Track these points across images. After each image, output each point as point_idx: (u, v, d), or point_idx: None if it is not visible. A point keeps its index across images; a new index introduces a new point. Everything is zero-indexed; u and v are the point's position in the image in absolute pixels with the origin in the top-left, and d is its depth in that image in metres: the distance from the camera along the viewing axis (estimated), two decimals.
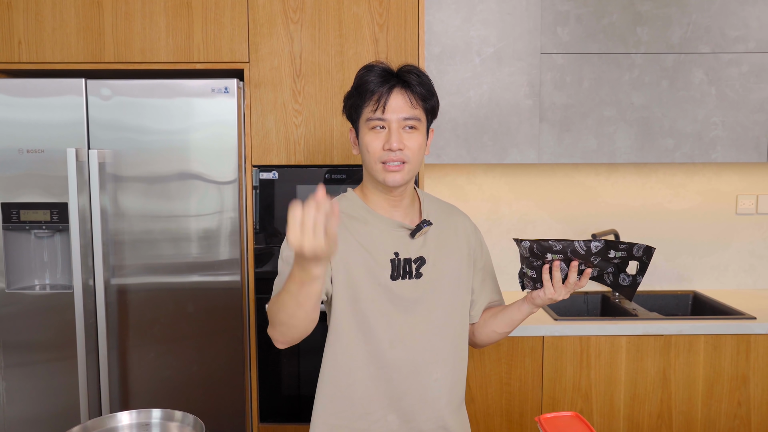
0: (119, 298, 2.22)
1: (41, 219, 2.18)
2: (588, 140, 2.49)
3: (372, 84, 1.33)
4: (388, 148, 1.33)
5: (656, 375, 2.32)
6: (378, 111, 1.32)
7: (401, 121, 1.33)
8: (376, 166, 1.36)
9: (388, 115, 1.33)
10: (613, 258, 1.31)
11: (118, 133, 2.16)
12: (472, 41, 2.44)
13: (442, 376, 1.44)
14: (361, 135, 1.37)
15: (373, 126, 1.34)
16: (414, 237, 1.42)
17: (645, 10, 2.45)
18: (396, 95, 1.33)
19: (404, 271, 1.41)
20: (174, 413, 1.23)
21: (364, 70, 1.36)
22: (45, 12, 2.23)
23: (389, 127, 1.33)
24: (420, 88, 1.35)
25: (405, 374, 1.41)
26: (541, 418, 1.24)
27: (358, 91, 1.35)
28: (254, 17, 2.25)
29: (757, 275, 2.87)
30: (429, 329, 1.43)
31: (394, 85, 1.33)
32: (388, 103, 1.32)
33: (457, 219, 1.53)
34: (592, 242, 1.29)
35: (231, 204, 2.20)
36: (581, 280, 1.36)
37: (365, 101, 1.34)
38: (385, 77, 1.34)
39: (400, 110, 1.33)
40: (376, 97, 1.32)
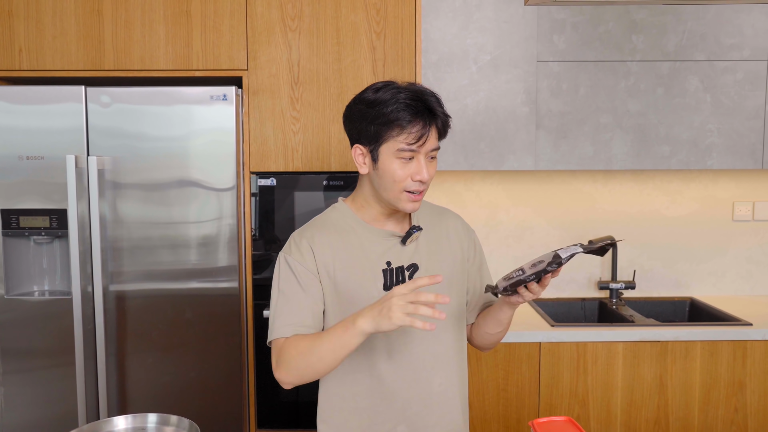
0: (118, 305, 2.23)
1: (40, 225, 2.19)
2: (584, 147, 2.51)
3: (407, 120, 1.31)
4: (419, 179, 1.34)
5: (653, 381, 2.32)
6: (415, 144, 1.32)
7: (429, 152, 1.35)
8: (400, 195, 1.36)
9: (423, 148, 1.33)
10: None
11: (118, 140, 2.18)
12: (469, 49, 2.46)
13: (445, 380, 1.45)
14: (385, 161, 1.34)
15: (404, 156, 1.33)
16: (405, 244, 1.42)
17: (640, 18, 2.47)
18: (433, 131, 1.34)
19: (397, 279, 1.41)
20: (170, 417, 1.24)
21: (389, 95, 1.33)
22: (45, 20, 2.25)
23: (418, 158, 1.34)
24: (444, 119, 1.36)
25: (407, 383, 1.41)
26: (535, 423, 1.24)
27: (387, 119, 1.32)
28: (253, 25, 2.26)
29: (754, 281, 2.87)
30: (426, 336, 1.43)
31: (432, 122, 1.33)
32: (429, 138, 1.33)
33: (448, 221, 1.53)
34: (563, 259, 1.30)
35: (229, 211, 2.21)
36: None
37: (396, 131, 1.32)
38: (417, 109, 1.32)
39: (431, 143, 1.35)
40: (415, 131, 1.31)
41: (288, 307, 1.38)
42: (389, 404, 1.41)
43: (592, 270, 2.86)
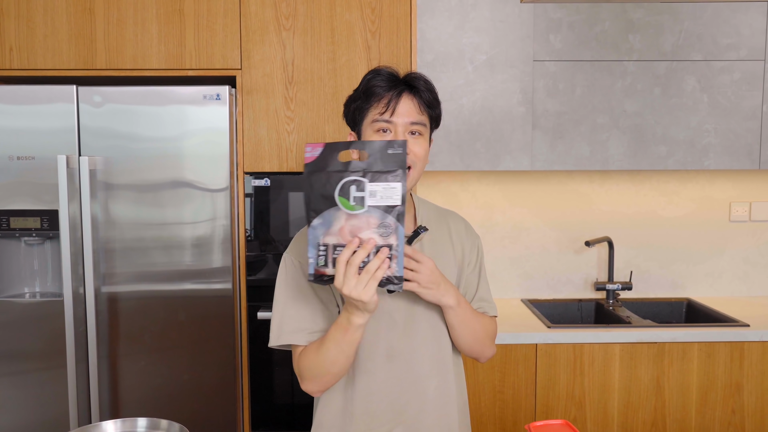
0: (110, 306, 2.20)
1: (31, 226, 2.16)
2: (581, 147, 2.49)
3: (380, 87, 1.31)
4: None
5: (650, 383, 2.31)
6: (386, 113, 1.30)
7: (408, 125, 1.32)
8: None
9: (396, 119, 1.31)
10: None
11: (109, 141, 2.15)
12: (465, 48, 2.45)
13: (442, 383, 1.42)
14: (365, 138, 1.34)
15: (378, 128, 1.31)
16: (411, 244, 1.39)
17: (637, 18, 2.46)
18: (405, 99, 1.32)
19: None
20: (160, 422, 1.22)
21: (372, 74, 1.34)
22: (37, 18, 2.22)
23: (395, 131, 1.31)
24: (428, 94, 1.34)
25: (405, 386, 1.39)
26: (531, 426, 1.23)
27: (365, 93, 1.33)
28: (247, 24, 2.24)
29: (750, 282, 2.86)
30: (426, 338, 1.40)
31: (403, 90, 1.32)
32: (397, 106, 1.31)
33: (450, 222, 1.50)
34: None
35: (223, 211, 2.19)
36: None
37: (372, 103, 1.32)
38: (393, 81, 1.33)
39: (408, 114, 1.32)
40: (385, 100, 1.30)
41: (297, 310, 1.34)
42: (386, 407, 1.39)
43: (588, 271, 2.84)
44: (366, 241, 1.12)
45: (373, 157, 1.12)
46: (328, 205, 1.11)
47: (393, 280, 1.13)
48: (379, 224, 1.11)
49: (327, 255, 1.12)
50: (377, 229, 1.11)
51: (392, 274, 1.12)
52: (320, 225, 1.12)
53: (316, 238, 1.12)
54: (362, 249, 1.11)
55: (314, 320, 1.34)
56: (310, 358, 1.31)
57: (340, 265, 1.12)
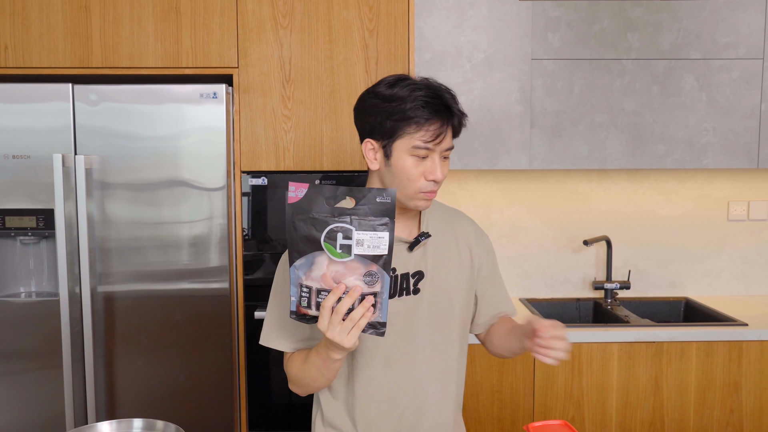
0: (106, 306, 2.19)
1: (27, 225, 2.15)
2: (579, 146, 2.49)
3: (423, 114, 1.27)
4: (433, 179, 1.29)
5: (648, 382, 2.30)
6: (432, 143, 1.28)
7: (443, 151, 1.32)
8: (414, 195, 1.31)
9: (438, 147, 1.29)
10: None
11: (106, 139, 2.14)
12: (463, 47, 2.44)
13: (440, 388, 1.41)
14: (399, 158, 1.30)
15: (419, 154, 1.29)
16: (412, 251, 1.38)
17: (636, 16, 2.45)
18: (449, 130, 1.31)
19: (401, 287, 1.36)
20: (155, 423, 1.21)
21: (407, 92, 1.28)
22: (32, 16, 2.21)
23: (432, 157, 1.29)
24: (460, 118, 1.32)
25: (403, 392, 1.38)
26: (530, 427, 1.22)
27: (405, 115, 1.28)
28: (243, 22, 2.23)
29: (749, 282, 2.86)
30: (426, 345, 1.39)
31: (449, 120, 1.30)
32: (445, 137, 1.30)
33: (458, 226, 1.47)
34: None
35: (220, 210, 2.18)
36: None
37: (413, 128, 1.28)
38: (436, 107, 1.28)
39: (446, 142, 1.30)
40: (434, 129, 1.27)
41: (285, 317, 1.34)
42: (384, 413, 1.38)
43: (586, 270, 2.84)
44: (352, 289, 1.11)
45: (362, 203, 1.10)
46: (312, 248, 1.10)
47: (377, 326, 1.13)
48: (365, 272, 1.10)
49: (310, 297, 1.12)
50: (363, 277, 1.10)
51: (376, 320, 1.12)
52: (302, 266, 1.11)
53: (299, 278, 1.12)
54: (348, 297, 1.11)
55: (301, 328, 1.35)
56: (295, 368, 1.34)
57: (325, 311, 1.12)
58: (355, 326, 1.12)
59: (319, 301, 1.11)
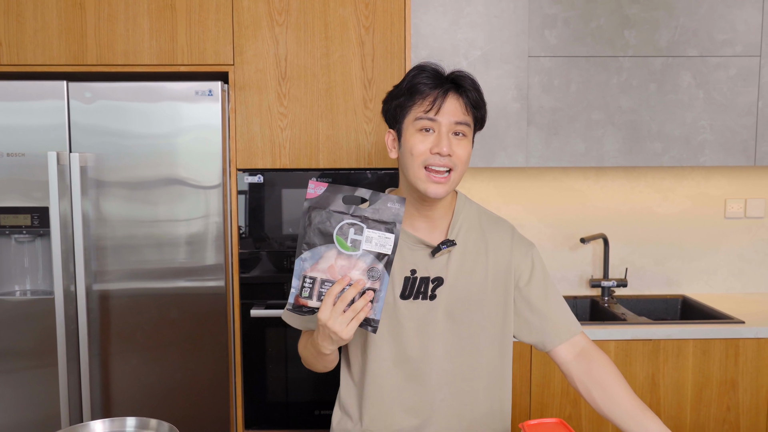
0: (101, 304, 2.18)
1: (21, 224, 2.14)
2: (576, 144, 2.48)
3: (424, 85, 1.26)
4: (437, 151, 1.25)
5: (645, 380, 2.30)
6: (431, 112, 1.25)
7: (452, 125, 1.26)
8: (419, 173, 1.27)
9: (440, 117, 1.25)
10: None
11: (100, 137, 2.13)
12: (460, 44, 2.43)
13: (450, 396, 1.37)
14: (406, 137, 1.28)
15: (421, 127, 1.26)
16: (434, 257, 1.34)
17: (633, 14, 2.44)
18: (451, 98, 1.26)
19: (417, 290, 1.34)
20: (149, 421, 1.20)
21: (417, 70, 1.29)
22: (26, 13, 2.20)
23: (439, 130, 1.25)
24: (474, 94, 1.28)
25: (409, 394, 1.37)
26: (525, 425, 1.21)
27: (409, 90, 1.27)
28: (239, 19, 2.22)
29: (746, 279, 2.86)
30: (439, 353, 1.35)
31: (450, 88, 1.26)
32: (443, 105, 1.25)
33: (492, 235, 1.39)
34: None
35: (215, 208, 2.17)
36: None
37: (415, 101, 1.26)
38: (439, 79, 1.27)
39: (453, 114, 1.26)
40: (430, 98, 1.25)
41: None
42: (391, 411, 1.38)
43: (583, 268, 2.83)
44: (356, 282, 1.14)
45: (375, 206, 1.17)
46: (324, 241, 1.16)
47: (370, 323, 1.18)
48: (369, 268, 1.16)
49: (313, 288, 1.16)
50: (367, 272, 1.16)
51: (371, 316, 1.17)
52: (310, 258, 1.16)
53: (303, 269, 1.17)
54: (353, 288, 1.14)
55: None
56: (300, 347, 1.42)
57: (329, 298, 1.14)
58: (354, 318, 1.14)
59: (322, 291, 1.16)
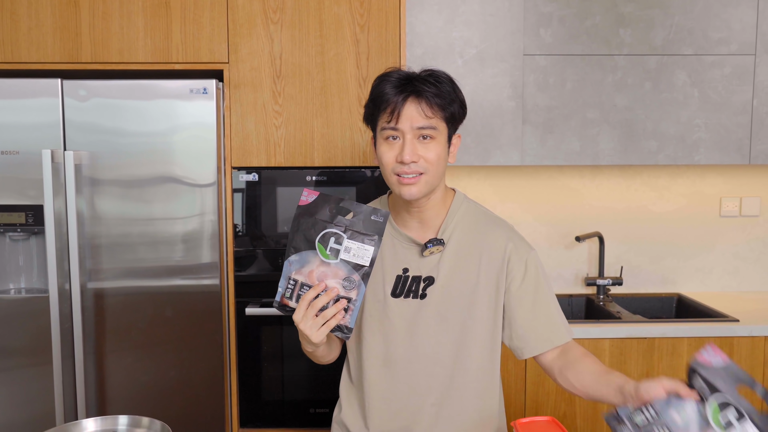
0: (96, 303, 2.18)
1: (16, 222, 2.14)
2: (571, 142, 2.48)
3: (387, 94, 1.27)
4: (400, 160, 1.27)
5: (639, 378, 2.29)
6: (392, 121, 1.26)
7: (415, 131, 1.27)
8: (391, 179, 1.30)
9: (401, 125, 1.26)
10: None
11: (95, 135, 2.13)
12: (455, 42, 2.43)
13: (439, 400, 1.36)
14: (378, 145, 1.32)
15: (387, 136, 1.28)
16: (423, 255, 1.35)
17: (628, 12, 2.44)
18: (409, 104, 1.26)
19: (409, 289, 1.34)
20: (141, 419, 1.20)
21: (380, 78, 1.30)
22: (21, 11, 2.19)
23: (403, 138, 1.27)
24: (435, 98, 1.27)
25: (399, 395, 1.37)
26: (517, 423, 1.22)
27: (374, 101, 1.30)
28: (234, 17, 2.22)
29: (741, 278, 2.86)
30: (429, 354, 1.35)
31: (409, 95, 1.27)
32: (402, 113, 1.26)
33: (488, 236, 1.37)
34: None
35: (211, 207, 2.17)
36: None
37: (381, 110, 1.29)
38: (400, 86, 1.28)
39: (414, 120, 1.26)
40: (390, 107, 1.26)
41: None
42: (383, 412, 1.38)
43: (579, 266, 2.84)
44: (330, 289, 1.18)
45: (358, 217, 1.20)
46: (308, 247, 1.21)
47: (343, 329, 1.22)
48: (345, 277, 1.20)
49: (294, 290, 1.22)
50: (342, 281, 1.20)
51: (344, 324, 1.21)
52: (296, 261, 1.21)
53: (289, 271, 1.22)
54: (325, 295, 1.19)
55: None
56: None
57: (303, 302, 1.19)
58: (325, 324, 1.19)
59: (300, 294, 1.21)
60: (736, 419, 1.04)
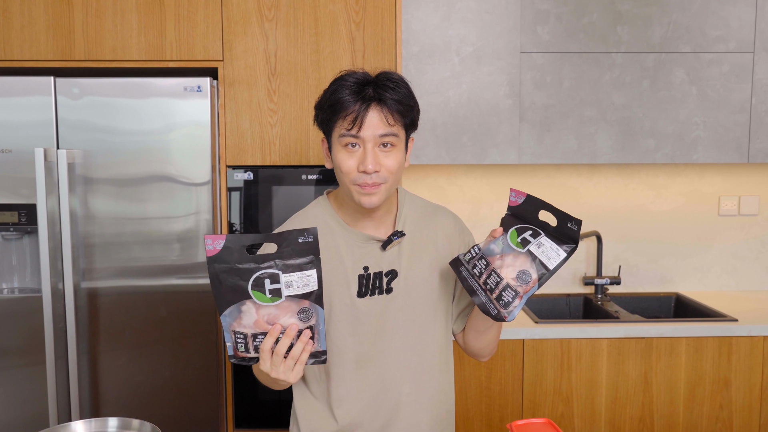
0: (89, 302, 2.16)
1: (8, 221, 2.12)
2: (568, 141, 2.47)
3: (346, 101, 1.24)
4: (362, 170, 1.24)
5: (638, 378, 2.29)
6: (353, 129, 1.23)
7: (377, 138, 1.24)
8: (351, 187, 1.27)
9: (363, 133, 1.23)
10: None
11: (88, 134, 2.11)
12: (451, 40, 2.41)
13: (415, 389, 1.38)
14: (335, 152, 1.28)
15: (346, 143, 1.25)
16: (385, 250, 1.34)
17: (625, 10, 2.43)
18: (372, 112, 1.23)
19: (373, 286, 1.34)
20: (131, 422, 1.19)
21: (337, 84, 1.27)
22: (13, 8, 2.17)
23: (364, 146, 1.24)
24: (396, 105, 1.25)
25: (375, 392, 1.36)
26: (513, 425, 1.20)
27: (331, 107, 1.26)
28: (228, 15, 2.20)
29: (739, 277, 2.85)
30: (400, 346, 1.36)
31: (370, 103, 1.23)
32: (365, 121, 1.23)
33: (438, 222, 1.42)
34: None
35: (205, 205, 2.16)
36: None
37: (338, 117, 1.25)
38: (359, 93, 1.24)
39: (376, 127, 1.24)
40: (352, 115, 1.23)
41: None
42: (358, 414, 1.36)
43: (576, 265, 2.82)
44: (288, 328, 1.11)
45: (283, 249, 1.09)
46: (240, 297, 1.09)
47: (318, 355, 1.15)
48: (298, 310, 1.11)
49: (246, 342, 1.12)
50: (297, 314, 1.11)
51: (316, 349, 1.14)
52: (231, 313, 1.10)
53: (230, 326, 1.11)
54: (285, 337, 1.11)
55: None
56: (256, 370, 1.33)
57: (265, 353, 1.12)
58: (297, 362, 1.13)
59: (257, 345, 1.12)
60: (531, 237, 1.22)
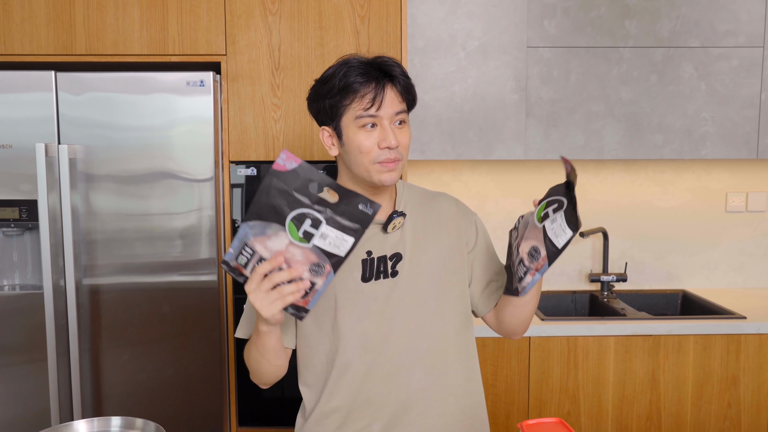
0: (91, 299, 2.14)
1: (9, 217, 2.10)
2: (575, 136, 2.44)
3: (358, 83, 1.26)
4: (386, 146, 1.26)
5: (645, 376, 2.27)
6: (372, 108, 1.26)
7: (393, 116, 1.28)
8: (371, 167, 1.28)
9: (382, 111, 1.27)
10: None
11: (90, 129, 2.09)
12: (457, 34, 2.38)
13: (426, 375, 1.36)
14: (349, 135, 1.28)
15: (364, 124, 1.27)
16: (386, 231, 1.34)
17: (633, 3, 2.40)
18: (389, 91, 1.27)
19: (378, 270, 1.33)
20: (135, 421, 1.17)
21: (344, 67, 1.28)
22: (14, 2, 2.15)
23: (381, 124, 1.27)
24: (404, 79, 1.30)
25: (382, 379, 1.34)
26: (524, 425, 1.18)
27: (343, 90, 1.27)
28: (231, 8, 2.18)
29: (747, 274, 2.82)
30: (407, 329, 1.34)
31: (386, 81, 1.28)
32: (385, 99, 1.26)
33: (440, 205, 1.43)
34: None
35: (208, 201, 2.13)
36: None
37: (352, 99, 1.27)
38: (370, 73, 1.27)
39: (392, 105, 1.27)
40: (369, 95, 1.26)
41: (249, 306, 1.38)
42: (365, 401, 1.34)
43: (582, 262, 2.80)
44: (292, 269, 1.09)
45: (342, 203, 1.05)
46: (275, 220, 1.06)
47: (299, 310, 1.11)
48: (314, 263, 1.07)
49: (250, 260, 1.08)
50: (311, 265, 1.08)
51: (304, 306, 1.10)
52: (258, 229, 1.06)
53: (247, 236, 1.07)
54: (286, 272, 1.09)
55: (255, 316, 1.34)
56: (246, 353, 1.35)
57: (257, 275, 1.10)
58: (279, 299, 1.10)
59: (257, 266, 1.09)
60: (552, 212, 1.17)
